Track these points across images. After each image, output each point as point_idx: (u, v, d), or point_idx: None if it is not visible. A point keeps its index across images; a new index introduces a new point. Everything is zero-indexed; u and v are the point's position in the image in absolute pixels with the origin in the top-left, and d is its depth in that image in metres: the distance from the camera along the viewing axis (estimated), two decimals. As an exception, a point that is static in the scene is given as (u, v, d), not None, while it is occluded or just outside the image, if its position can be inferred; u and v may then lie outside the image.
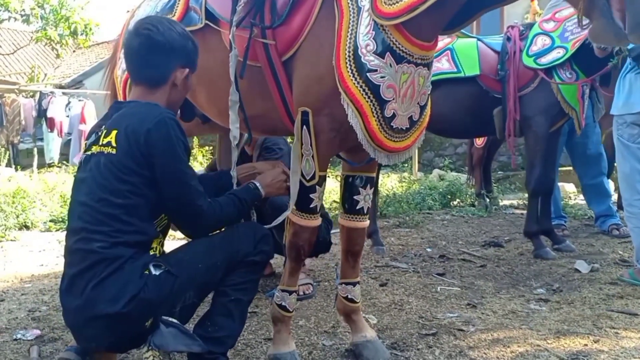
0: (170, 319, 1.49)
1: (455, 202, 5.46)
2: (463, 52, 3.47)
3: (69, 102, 9.54)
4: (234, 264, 1.60)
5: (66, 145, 9.85)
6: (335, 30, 1.65)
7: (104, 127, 1.58)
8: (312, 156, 1.74)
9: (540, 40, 3.29)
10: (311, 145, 1.73)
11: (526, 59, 3.28)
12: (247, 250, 1.61)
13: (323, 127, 1.71)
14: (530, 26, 3.47)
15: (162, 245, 1.64)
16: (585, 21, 1.55)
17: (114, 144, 1.50)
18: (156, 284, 1.46)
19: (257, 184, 1.77)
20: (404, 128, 1.71)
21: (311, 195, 1.78)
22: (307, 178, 1.77)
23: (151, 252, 1.55)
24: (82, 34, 12.67)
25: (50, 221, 4.85)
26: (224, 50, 1.90)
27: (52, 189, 6.13)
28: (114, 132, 1.52)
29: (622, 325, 2.23)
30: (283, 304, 1.88)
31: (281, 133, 2.20)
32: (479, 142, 4.99)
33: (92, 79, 13.69)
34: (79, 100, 9.65)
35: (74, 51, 16.37)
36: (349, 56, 1.61)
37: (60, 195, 5.58)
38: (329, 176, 6.34)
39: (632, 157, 2.74)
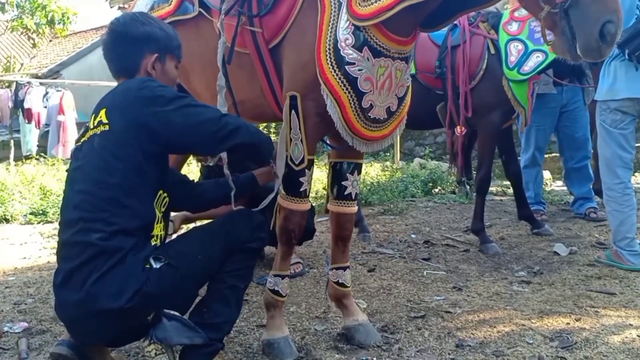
0: (172, 312, 1.49)
1: (436, 190, 5.53)
2: None
3: (47, 93, 9.29)
4: (232, 251, 1.61)
5: (44, 137, 9.63)
6: (317, 24, 1.72)
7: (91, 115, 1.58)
8: (301, 140, 1.79)
9: (514, 48, 3.09)
10: (300, 129, 1.78)
11: (509, 73, 3.07)
12: (244, 237, 1.63)
13: (309, 111, 1.78)
14: (495, 15, 3.27)
15: (165, 231, 1.63)
16: (548, 34, 1.65)
17: (105, 121, 1.50)
18: (158, 278, 1.45)
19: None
20: (382, 118, 1.80)
21: (301, 179, 1.83)
22: (297, 162, 1.81)
23: (153, 242, 1.55)
24: (59, 23, 12.40)
25: (31, 214, 4.76)
26: (216, 38, 1.94)
27: (31, 181, 6.00)
28: (103, 111, 1.52)
29: (601, 305, 2.32)
30: (276, 288, 1.91)
31: (269, 119, 2.24)
32: (460, 130, 5.03)
33: (70, 69, 13.37)
34: (57, 91, 9.40)
35: (50, 40, 15.96)
36: (329, 49, 1.68)
37: (40, 188, 5.47)
38: (315, 165, 6.36)
39: (613, 143, 2.79)
